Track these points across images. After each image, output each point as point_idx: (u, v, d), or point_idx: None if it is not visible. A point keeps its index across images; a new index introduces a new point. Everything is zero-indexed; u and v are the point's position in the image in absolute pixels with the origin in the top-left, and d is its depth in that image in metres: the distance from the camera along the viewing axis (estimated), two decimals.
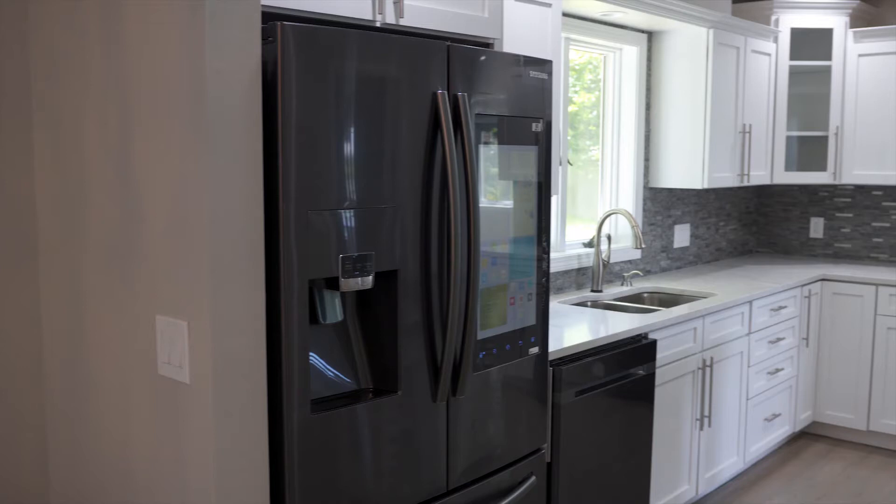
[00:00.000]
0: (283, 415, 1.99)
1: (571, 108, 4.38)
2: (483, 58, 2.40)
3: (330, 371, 2.19)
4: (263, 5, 2.09)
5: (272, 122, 1.94)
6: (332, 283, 2.10)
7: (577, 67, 4.49)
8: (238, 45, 1.85)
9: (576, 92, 4.44)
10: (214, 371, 1.86)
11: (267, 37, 1.93)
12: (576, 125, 4.49)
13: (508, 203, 2.55)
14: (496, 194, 2.50)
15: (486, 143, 2.43)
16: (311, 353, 2.14)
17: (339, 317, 2.15)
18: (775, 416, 4.67)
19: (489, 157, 2.46)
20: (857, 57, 5.14)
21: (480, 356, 2.48)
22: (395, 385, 2.24)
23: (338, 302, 2.14)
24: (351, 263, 2.08)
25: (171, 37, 1.87)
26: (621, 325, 3.43)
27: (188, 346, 1.90)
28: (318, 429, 2.05)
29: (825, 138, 5.30)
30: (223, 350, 1.87)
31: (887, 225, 5.46)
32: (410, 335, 2.25)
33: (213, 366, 1.86)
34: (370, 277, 2.12)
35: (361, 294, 2.26)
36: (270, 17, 2.22)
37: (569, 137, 4.32)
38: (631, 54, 4.62)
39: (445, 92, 2.26)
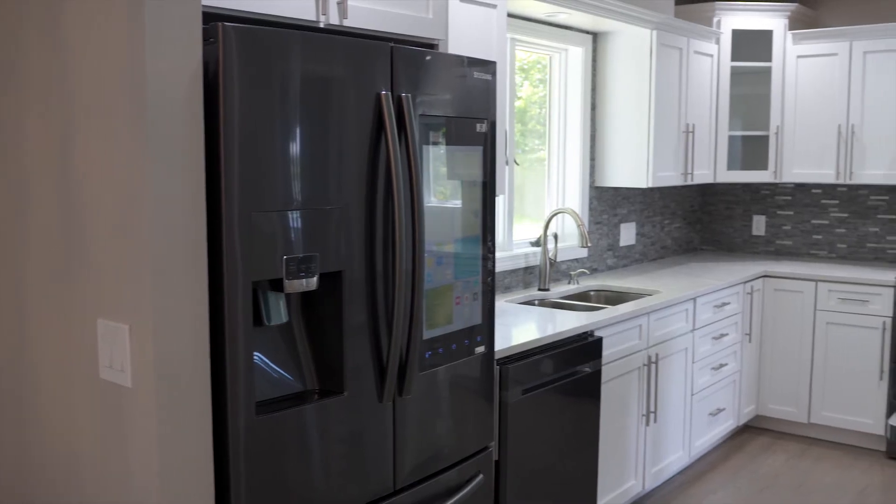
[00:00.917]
0: (228, 417, 1.98)
1: (518, 104, 4.41)
2: (427, 59, 2.41)
3: (275, 372, 2.19)
4: (204, 6, 2.08)
5: (214, 123, 1.93)
6: (277, 285, 2.09)
7: (525, 66, 4.53)
8: (179, 46, 1.84)
9: (520, 87, 4.47)
10: (157, 375, 1.85)
11: (208, 37, 1.92)
12: (525, 122, 4.53)
13: (453, 203, 2.56)
14: (441, 194, 2.51)
15: (430, 143, 2.45)
16: (255, 355, 2.14)
17: (284, 318, 2.14)
18: (720, 410, 4.76)
19: (434, 158, 2.47)
20: (795, 58, 5.26)
21: (427, 356, 2.49)
22: (340, 386, 2.24)
23: (282, 303, 2.13)
24: (295, 265, 2.07)
25: (111, 37, 1.85)
26: (568, 323, 3.46)
27: (130, 350, 1.88)
28: (264, 431, 2.05)
29: (766, 138, 5.41)
30: (166, 353, 1.86)
31: (826, 222, 5.59)
32: (356, 336, 2.26)
33: (155, 369, 1.84)
34: (315, 279, 2.12)
35: (306, 295, 2.25)
36: (211, 18, 2.21)
37: (517, 137, 4.35)
38: (576, 55, 4.67)
39: (389, 93, 2.27)
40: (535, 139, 4.64)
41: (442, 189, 2.51)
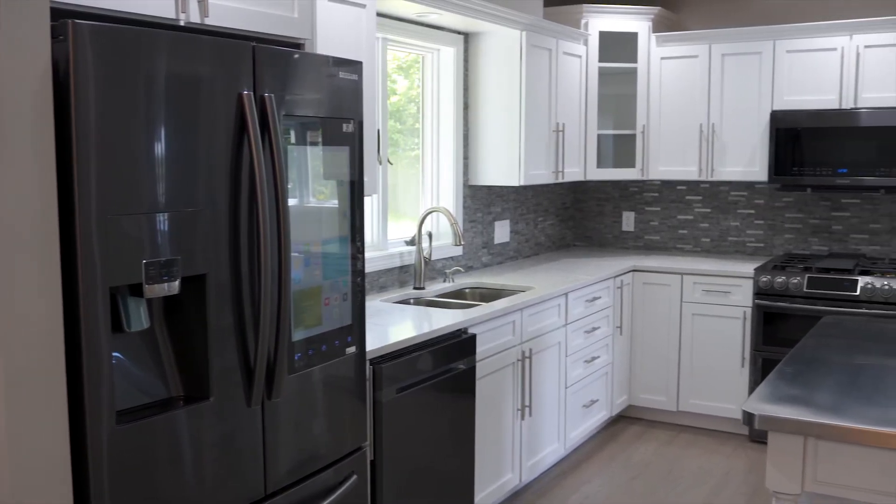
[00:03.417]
0: (87, 428, 1.92)
1: (397, 101, 4.42)
2: (290, 58, 2.39)
3: (138, 380, 2.13)
4: (53, 2, 2.01)
5: (66, 124, 1.86)
6: (137, 290, 2.04)
7: (404, 66, 4.54)
8: (24, 44, 1.77)
9: (395, 83, 4.48)
10: (6, 387, 1.77)
11: (57, 35, 1.85)
12: (403, 120, 4.54)
13: (321, 203, 2.55)
14: (307, 195, 2.50)
15: (295, 143, 2.43)
16: (116, 362, 2.07)
17: (145, 324, 2.09)
18: (593, 402, 4.89)
19: (299, 158, 2.45)
20: (659, 60, 5.45)
21: (296, 358, 2.47)
22: (206, 391, 2.20)
23: (143, 309, 2.08)
24: (156, 269, 2.02)
25: None
26: (442, 321, 3.49)
27: None
28: (126, 440, 1.99)
29: (634, 136, 5.59)
30: (16, 364, 1.78)
31: (691, 217, 5.82)
32: (222, 340, 2.22)
33: (4, 382, 1.76)
34: (177, 283, 2.08)
35: (169, 299, 2.20)
36: (63, 15, 2.13)
37: (395, 136, 4.36)
38: (448, 55, 4.71)
39: (251, 93, 2.24)
40: (414, 138, 4.66)
41: (308, 189, 2.50)
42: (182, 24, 2.37)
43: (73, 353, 1.91)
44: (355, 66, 2.65)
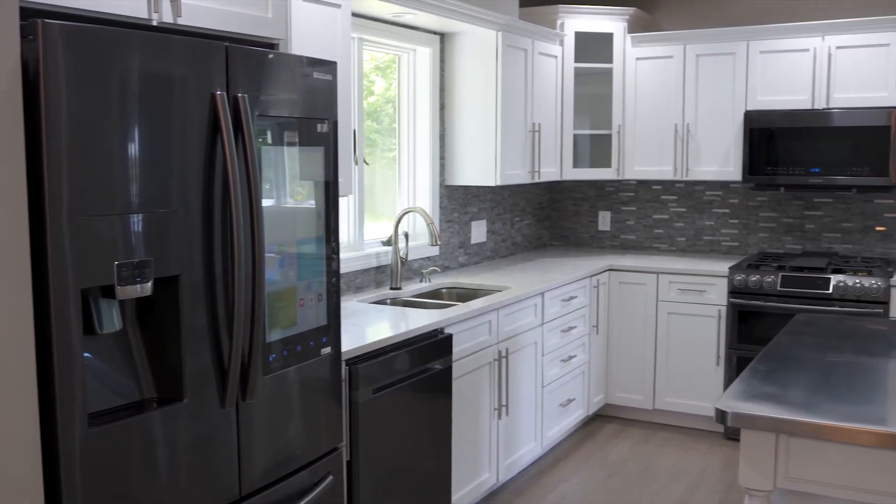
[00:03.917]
0: (59, 432, 1.91)
1: (374, 101, 4.41)
2: (264, 59, 2.38)
3: (110, 382, 2.11)
4: (23, 1, 1.99)
5: (37, 125, 1.84)
6: (109, 291, 2.02)
7: (382, 66, 4.54)
8: None
9: (373, 84, 4.48)
10: None
11: (27, 34, 1.84)
12: (380, 120, 4.54)
13: (295, 204, 2.54)
14: (282, 196, 2.49)
15: (269, 144, 2.42)
16: (89, 364, 2.06)
17: (118, 326, 2.07)
18: (570, 401, 4.91)
19: (273, 159, 2.44)
20: (635, 60, 5.48)
21: (270, 359, 2.47)
22: (180, 393, 2.19)
23: (115, 311, 2.06)
24: (128, 270, 2.01)
25: None
26: (418, 321, 3.49)
27: None
28: (99, 443, 1.98)
29: (609, 136, 5.62)
30: None
31: (666, 217, 5.86)
32: (195, 341, 2.21)
33: None
34: (149, 284, 2.06)
35: (142, 301, 2.19)
36: (33, 14, 2.11)
37: (373, 136, 4.35)
38: (424, 55, 4.71)
39: (224, 93, 2.23)
40: (392, 138, 4.65)
41: (283, 190, 2.49)
42: (154, 23, 2.36)
43: (44, 355, 1.89)
44: (330, 66, 2.64)
